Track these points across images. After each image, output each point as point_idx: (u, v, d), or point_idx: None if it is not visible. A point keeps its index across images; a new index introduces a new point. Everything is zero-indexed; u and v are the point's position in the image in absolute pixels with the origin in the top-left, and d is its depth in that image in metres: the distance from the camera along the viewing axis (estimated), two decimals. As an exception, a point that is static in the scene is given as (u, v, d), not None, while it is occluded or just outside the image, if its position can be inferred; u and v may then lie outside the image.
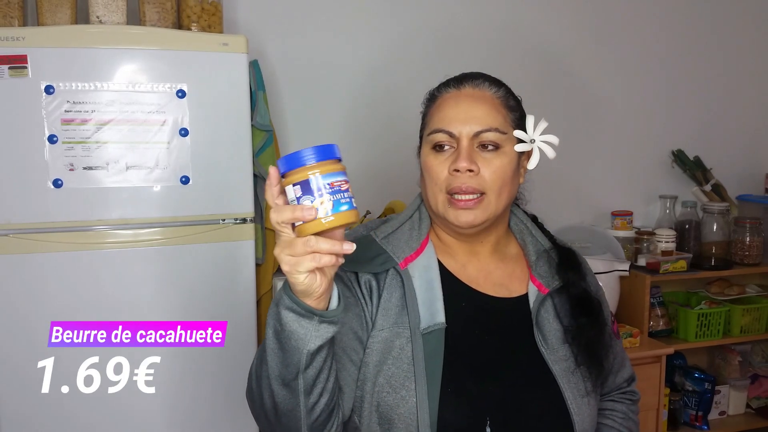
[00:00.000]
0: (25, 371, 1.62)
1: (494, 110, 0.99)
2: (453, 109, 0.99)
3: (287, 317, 0.80)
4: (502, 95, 1.02)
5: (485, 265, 1.06)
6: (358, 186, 2.73)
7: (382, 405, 0.93)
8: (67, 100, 1.59)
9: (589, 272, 1.13)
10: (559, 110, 2.64)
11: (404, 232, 1.04)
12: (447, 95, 1.01)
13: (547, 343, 1.00)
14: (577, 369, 1.00)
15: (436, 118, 1.00)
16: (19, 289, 1.61)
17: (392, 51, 2.39)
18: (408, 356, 0.94)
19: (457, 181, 0.96)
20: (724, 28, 2.84)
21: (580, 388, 0.99)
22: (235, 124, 1.72)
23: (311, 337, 0.80)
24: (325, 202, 0.74)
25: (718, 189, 2.74)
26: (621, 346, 1.19)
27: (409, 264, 1.00)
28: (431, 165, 0.99)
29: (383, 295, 0.98)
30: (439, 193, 0.99)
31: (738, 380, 2.72)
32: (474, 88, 1.01)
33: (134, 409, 1.69)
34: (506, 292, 1.05)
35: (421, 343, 0.94)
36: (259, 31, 2.21)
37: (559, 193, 2.62)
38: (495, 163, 0.97)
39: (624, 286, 2.42)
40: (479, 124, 0.97)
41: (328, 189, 0.74)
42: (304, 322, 0.79)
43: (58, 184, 1.60)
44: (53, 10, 1.73)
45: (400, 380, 0.93)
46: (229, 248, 1.75)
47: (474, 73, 1.04)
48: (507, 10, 2.53)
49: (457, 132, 0.97)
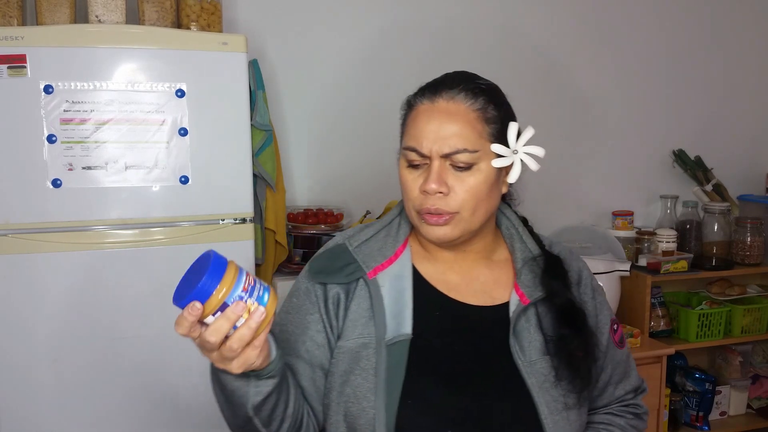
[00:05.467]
0: (25, 371, 1.62)
1: (468, 127, 0.93)
2: (425, 127, 0.93)
3: (225, 379, 0.84)
4: (479, 107, 0.94)
5: (468, 271, 1.03)
6: (359, 186, 2.71)
7: (348, 415, 0.93)
8: (66, 100, 1.58)
9: (581, 280, 1.07)
10: (560, 110, 2.64)
11: (379, 240, 1.01)
12: (421, 107, 0.96)
13: (525, 355, 0.96)
14: (558, 382, 0.95)
15: (410, 133, 0.96)
16: (18, 289, 1.60)
17: (393, 50, 2.39)
18: (373, 367, 0.92)
19: (427, 201, 0.93)
20: (725, 28, 2.84)
21: (559, 402, 0.95)
22: (234, 124, 1.72)
23: (252, 394, 0.84)
24: (253, 303, 0.77)
25: (719, 189, 2.73)
26: (626, 354, 1.11)
27: (379, 273, 0.97)
28: (405, 180, 0.96)
29: (351, 307, 0.97)
30: (411, 209, 0.96)
31: (739, 381, 2.72)
32: (448, 101, 0.94)
33: (134, 409, 1.69)
34: (488, 300, 1.01)
35: (385, 354, 0.93)
36: (259, 30, 2.21)
37: (560, 192, 2.62)
38: (468, 181, 0.93)
39: (625, 287, 2.42)
40: (448, 145, 0.92)
41: (246, 294, 0.77)
42: (240, 383, 0.84)
43: (57, 183, 1.60)
44: (52, 10, 1.73)
45: (364, 391, 0.92)
46: (229, 248, 1.73)
47: (452, 78, 0.98)
48: (507, 10, 2.52)
49: (427, 151, 0.92)
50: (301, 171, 2.35)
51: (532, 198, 1.14)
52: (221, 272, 0.75)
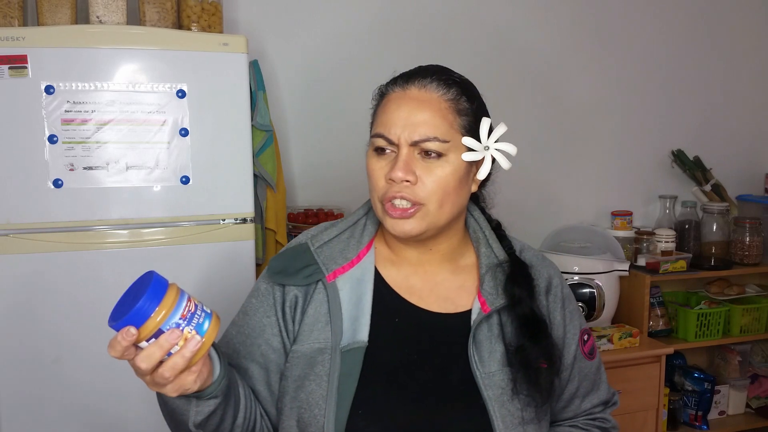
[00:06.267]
0: (26, 370, 1.62)
1: (439, 116, 0.90)
2: (394, 113, 0.91)
3: (164, 396, 0.81)
4: (451, 98, 0.92)
5: (432, 277, 0.99)
6: (359, 186, 2.72)
7: (300, 421, 0.90)
8: (67, 100, 1.59)
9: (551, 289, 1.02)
10: (559, 110, 2.64)
11: (341, 241, 0.98)
12: (392, 95, 0.94)
13: (483, 365, 0.92)
14: (517, 396, 0.92)
15: (379, 120, 0.93)
16: (18, 289, 1.61)
17: (393, 51, 2.39)
18: (326, 374, 0.90)
19: (392, 190, 0.89)
20: (724, 28, 2.84)
21: (516, 416, 0.91)
22: (235, 124, 1.72)
23: (192, 413, 0.83)
24: (190, 331, 0.75)
25: (718, 189, 2.74)
26: (595, 366, 1.07)
27: (338, 276, 0.94)
28: (371, 169, 0.93)
29: (308, 310, 0.94)
30: (377, 201, 0.93)
31: (738, 380, 2.72)
32: (420, 89, 0.92)
33: (134, 409, 1.69)
34: (451, 307, 0.97)
35: (339, 361, 0.90)
36: (259, 31, 2.21)
37: (559, 192, 2.62)
38: (436, 172, 0.90)
39: (624, 286, 2.43)
40: (418, 132, 0.89)
41: (185, 322, 0.74)
42: (181, 403, 0.82)
43: (58, 184, 1.60)
44: (53, 10, 1.73)
45: (316, 398, 0.89)
46: (229, 248, 1.74)
47: (425, 69, 0.96)
48: (505, 11, 2.53)
49: (395, 138, 0.90)
50: (301, 171, 2.36)
51: (531, 198, 1.15)
52: (161, 295, 0.73)
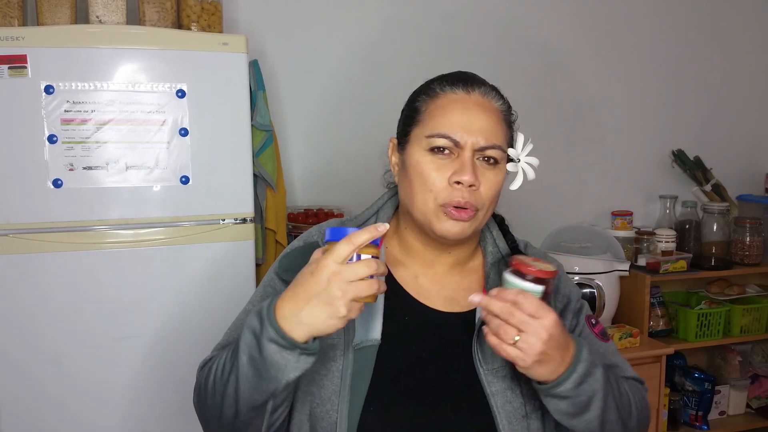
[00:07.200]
0: (25, 370, 1.62)
1: (499, 124, 0.94)
2: (461, 116, 0.92)
3: (269, 349, 0.80)
4: (504, 109, 0.97)
5: (440, 278, 1.01)
6: (359, 186, 2.72)
7: (312, 415, 0.92)
8: (66, 100, 1.58)
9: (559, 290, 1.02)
10: (559, 110, 2.64)
11: None
12: (454, 96, 0.95)
13: (487, 362, 0.94)
14: (520, 389, 0.94)
15: (440, 120, 0.93)
16: (18, 289, 1.60)
17: (393, 50, 2.39)
18: (339, 371, 0.91)
19: (456, 194, 0.90)
20: (724, 28, 2.84)
21: (519, 410, 0.93)
22: (235, 124, 1.72)
23: (291, 368, 0.81)
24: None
25: (719, 189, 2.74)
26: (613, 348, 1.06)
27: None
28: (427, 169, 0.92)
29: None
30: (431, 201, 0.92)
31: (738, 380, 2.72)
32: (483, 96, 0.95)
33: (134, 409, 1.69)
34: (457, 306, 0.99)
35: (352, 358, 0.91)
36: (259, 30, 2.21)
37: (560, 192, 2.62)
38: (493, 179, 0.93)
39: (624, 286, 2.42)
40: (485, 138, 0.91)
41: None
42: (286, 354, 0.80)
43: (57, 184, 1.60)
44: (53, 10, 1.73)
45: (329, 394, 0.91)
46: (229, 248, 1.74)
47: (474, 76, 0.99)
48: (507, 10, 2.53)
49: (462, 141, 0.91)
50: (301, 171, 2.36)
51: (531, 198, 1.15)
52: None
